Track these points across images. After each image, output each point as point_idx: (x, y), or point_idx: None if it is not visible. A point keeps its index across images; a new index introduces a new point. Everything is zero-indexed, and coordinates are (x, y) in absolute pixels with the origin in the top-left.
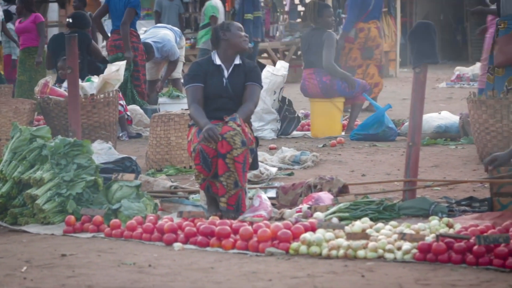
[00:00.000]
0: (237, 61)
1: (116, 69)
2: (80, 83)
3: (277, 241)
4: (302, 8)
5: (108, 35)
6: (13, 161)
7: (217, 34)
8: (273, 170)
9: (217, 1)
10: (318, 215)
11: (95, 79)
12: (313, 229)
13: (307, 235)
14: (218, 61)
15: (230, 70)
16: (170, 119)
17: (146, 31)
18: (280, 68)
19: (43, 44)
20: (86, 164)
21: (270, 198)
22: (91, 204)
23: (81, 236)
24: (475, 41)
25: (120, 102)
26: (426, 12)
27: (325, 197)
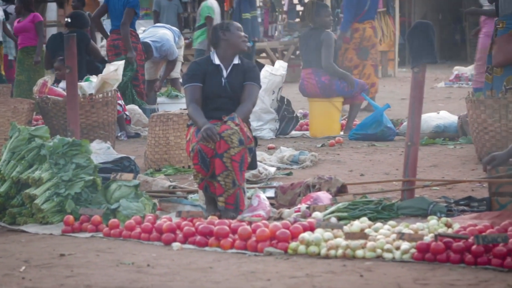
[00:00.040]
0: (236, 61)
1: (115, 69)
2: (79, 83)
3: (276, 240)
4: (300, 8)
5: (108, 34)
6: (11, 161)
7: (216, 34)
8: (272, 169)
9: (212, 2)
10: (317, 214)
11: (93, 78)
12: (311, 228)
13: (306, 235)
14: (217, 61)
15: (229, 70)
16: (168, 119)
17: (145, 31)
18: (279, 68)
19: (41, 43)
20: (84, 164)
21: (268, 198)
22: (89, 204)
23: (80, 236)
24: (474, 41)
25: (119, 102)
26: (424, 11)
27: (324, 197)
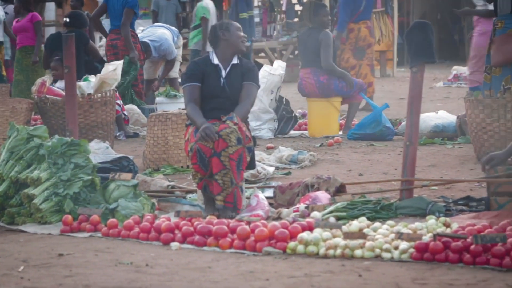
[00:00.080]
0: (234, 61)
1: (113, 69)
2: (77, 83)
3: (275, 240)
4: (299, 8)
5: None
6: (10, 161)
7: (216, 34)
8: (271, 169)
9: (208, 2)
10: (315, 214)
11: (92, 78)
12: (310, 228)
13: (305, 235)
14: (216, 61)
15: (227, 70)
16: (167, 119)
17: (144, 30)
18: (277, 68)
19: (39, 43)
20: (83, 164)
21: (267, 198)
22: (88, 203)
23: (78, 235)
24: None
25: (117, 101)
26: (423, 11)
27: (323, 196)
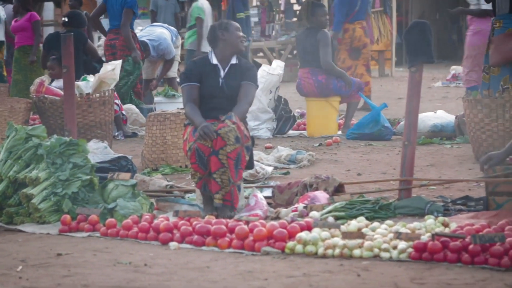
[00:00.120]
0: (233, 61)
1: (112, 68)
2: (76, 82)
3: (273, 240)
4: (298, 7)
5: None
6: (8, 160)
7: (215, 34)
8: (269, 169)
9: (203, 2)
10: (314, 214)
11: (90, 78)
12: (309, 228)
13: (303, 234)
14: (214, 61)
15: (226, 70)
16: (166, 119)
17: (142, 30)
18: (276, 67)
19: (37, 43)
20: (81, 163)
21: (266, 197)
22: (86, 203)
23: (77, 235)
24: None
25: (116, 101)
26: (422, 11)
27: (321, 196)
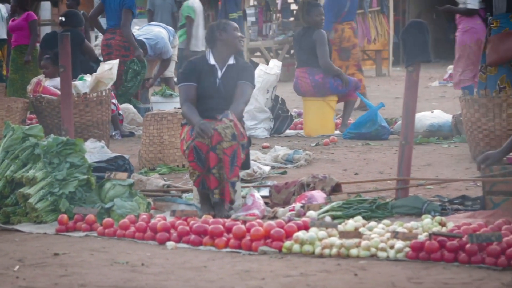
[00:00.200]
0: (231, 61)
1: (109, 68)
2: (73, 82)
3: (270, 239)
4: (295, 7)
5: None
6: (5, 160)
7: (213, 34)
8: (266, 169)
9: (194, 2)
10: (311, 213)
11: (87, 77)
12: (306, 227)
13: (300, 234)
14: (212, 61)
15: (223, 70)
16: (163, 118)
17: (140, 29)
18: (273, 67)
19: (34, 42)
20: (78, 163)
21: (263, 197)
22: (83, 203)
23: (74, 235)
24: None
25: (113, 101)
26: (419, 10)
27: (318, 195)
